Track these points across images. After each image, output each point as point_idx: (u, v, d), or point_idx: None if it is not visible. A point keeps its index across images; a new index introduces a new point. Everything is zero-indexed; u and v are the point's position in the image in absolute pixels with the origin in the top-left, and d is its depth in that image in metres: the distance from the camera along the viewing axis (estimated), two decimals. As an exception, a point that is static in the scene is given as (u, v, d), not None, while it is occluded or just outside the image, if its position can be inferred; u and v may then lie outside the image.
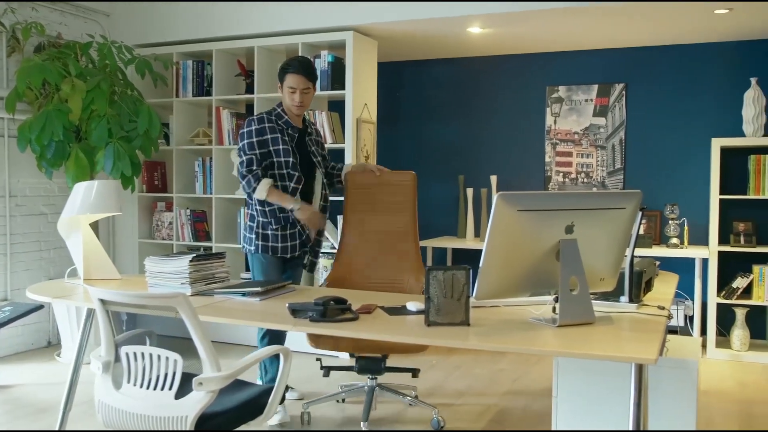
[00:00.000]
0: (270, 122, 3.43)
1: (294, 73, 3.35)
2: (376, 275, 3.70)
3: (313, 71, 3.42)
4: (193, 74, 5.27)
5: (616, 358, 1.96)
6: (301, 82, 3.36)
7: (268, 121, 3.43)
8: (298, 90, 3.36)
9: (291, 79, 3.36)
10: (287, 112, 3.47)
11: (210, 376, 2.14)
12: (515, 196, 2.24)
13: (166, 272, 2.92)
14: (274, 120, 3.45)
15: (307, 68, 3.38)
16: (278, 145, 3.41)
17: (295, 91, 3.36)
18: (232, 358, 4.72)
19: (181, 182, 5.41)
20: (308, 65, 3.40)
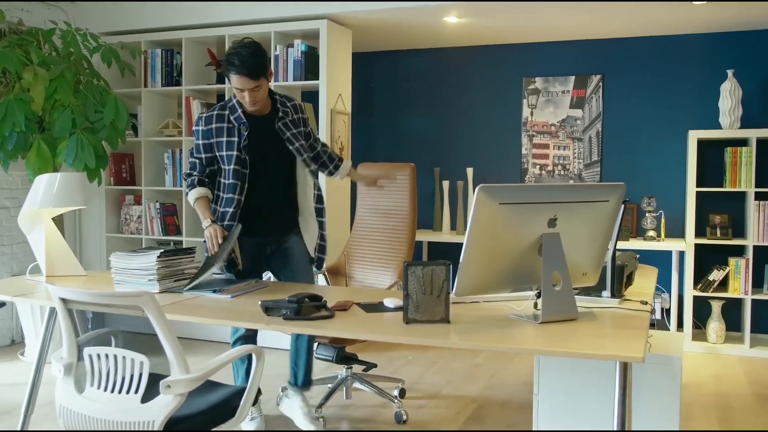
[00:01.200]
0: (219, 121, 3.04)
1: (236, 74, 2.86)
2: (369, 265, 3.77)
3: (258, 67, 2.86)
4: (162, 63, 5.11)
5: (602, 357, 1.89)
6: (246, 82, 2.87)
7: (218, 119, 3.04)
8: (246, 90, 2.90)
9: (234, 80, 2.88)
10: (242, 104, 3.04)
11: (178, 379, 2.04)
12: (496, 189, 2.16)
13: (133, 268, 2.81)
14: (226, 116, 3.05)
15: (251, 67, 2.85)
16: (223, 150, 3.04)
17: (243, 91, 2.91)
18: (204, 356, 4.60)
19: (150, 175, 5.26)
20: (251, 63, 2.84)
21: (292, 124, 3.15)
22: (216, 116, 3.06)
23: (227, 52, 2.92)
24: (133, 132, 5.26)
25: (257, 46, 2.90)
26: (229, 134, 3.03)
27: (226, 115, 3.05)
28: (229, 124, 3.04)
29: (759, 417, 3.53)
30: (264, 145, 3.09)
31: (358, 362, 3.67)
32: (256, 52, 2.88)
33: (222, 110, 3.07)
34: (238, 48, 2.87)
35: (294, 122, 3.16)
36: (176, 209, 5.28)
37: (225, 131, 3.03)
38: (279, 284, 3.06)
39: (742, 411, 3.61)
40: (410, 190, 3.88)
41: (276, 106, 3.12)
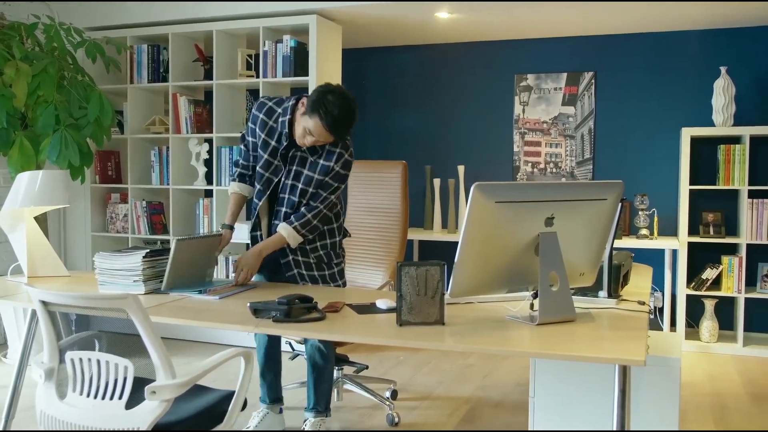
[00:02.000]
0: (268, 115, 2.88)
1: (322, 125, 2.66)
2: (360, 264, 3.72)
3: (344, 130, 2.72)
4: (149, 59, 5.02)
5: (603, 360, 1.83)
6: (323, 135, 2.70)
7: (267, 113, 2.88)
8: (315, 137, 2.72)
9: (315, 126, 2.68)
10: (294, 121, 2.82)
11: (164, 384, 1.96)
12: (493, 187, 2.10)
13: (118, 269, 2.73)
14: (276, 115, 2.87)
15: (340, 129, 2.70)
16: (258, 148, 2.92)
17: (311, 138, 2.73)
18: (192, 357, 4.52)
19: (136, 173, 5.16)
20: (342, 126, 2.70)
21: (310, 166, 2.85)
22: (268, 108, 2.89)
23: (326, 93, 2.68)
24: (118, 129, 5.17)
25: (355, 111, 2.73)
26: (270, 134, 2.87)
27: (277, 113, 2.87)
28: (274, 123, 2.87)
29: (755, 417, 3.49)
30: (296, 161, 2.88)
31: (349, 363, 3.60)
32: (352, 119, 2.71)
33: (276, 105, 2.89)
34: (340, 101, 2.67)
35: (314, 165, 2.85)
36: (163, 208, 5.19)
37: (267, 128, 2.87)
38: (268, 285, 2.99)
39: (737, 411, 3.58)
40: (402, 189, 3.85)
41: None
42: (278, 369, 3.27)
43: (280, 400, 3.30)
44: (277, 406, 3.29)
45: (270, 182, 2.92)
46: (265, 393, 3.27)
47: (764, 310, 4.91)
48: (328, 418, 3.16)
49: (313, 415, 3.13)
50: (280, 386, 3.29)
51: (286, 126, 2.83)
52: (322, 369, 3.09)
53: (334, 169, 2.85)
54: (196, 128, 4.93)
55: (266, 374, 3.24)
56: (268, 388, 3.26)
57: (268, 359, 3.23)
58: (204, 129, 4.98)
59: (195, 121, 4.93)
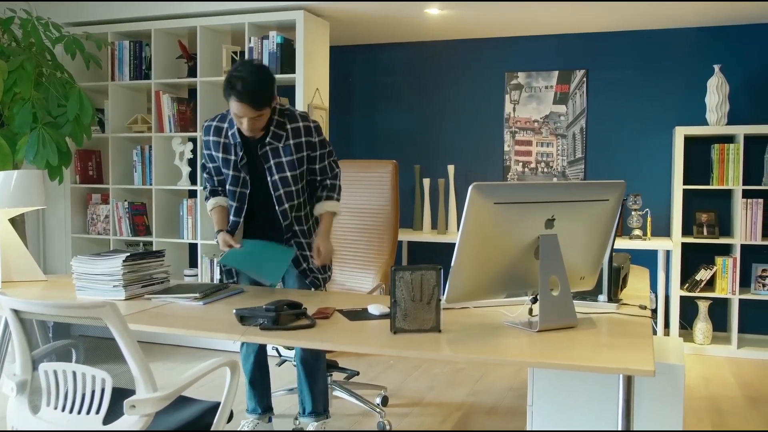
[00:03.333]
0: (216, 134, 2.80)
1: (237, 100, 2.56)
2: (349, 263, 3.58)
3: (263, 97, 2.57)
4: (130, 56, 4.88)
5: (610, 371, 1.74)
6: (247, 111, 2.58)
7: (215, 132, 2.80)
8: (245, 118, 2.61)
9: (234, 106, 2.58)
10: None
11: (144, 398, 1.84)
12: (491, 188, 2.00)
13: (96, 274, 2.60)
14: (224, 130, 2.79)
15: (255, 96, 2.55)
16: (221, 166, 2.84)
17: (242, 118, 2.62)
18: (176, 363, 4.38)
19: (117, 172, 5.02)
20: (256, 91, 2.54)
21: (284, 151, 2.75)
22: (214, 128, 2.82)
23: (230, 72, 2.60)
24: (99, 128, 5.02)
25: (265, 73, 2.60)
26: (226, 151, 2.80)
27: (224, 128, 2.80)
28: (225, 139, 2.79)
29: (753, 420, 3.42)
30: (257, 168, 2.82)
31: (338, 370, 3.50)
32: (262, 80, 2.56)
33: (221, 122, 2.82)
34: (242, 71, 2.56)
35: (287, 148, 2.76)
36: (146, 208, 5.05)
37: (221, 147, 2.80)
38: (255, 290, 2.88)
39: (734, 415, 3.50)
40: (392, 189, 3.75)
41: (269, 127, 2.73)
42: (268, 378, 3.16)
43: (271, 409, 3.19)
44: (266, 416, 3.18)
45: (244, 196, 2.84)
46: (256, 403, 3.14)
47: (758, 311, 4.85)
48: (329, 419, 3.06)
49: (314, 418, 3.02)
50: (270, 395, 3.18)
51: (237, 136, 2.76)
52: (314, 369, 2.98)
53: (312, 142, 2.80)
54: (180, 127, 4.80)
55: (256, 384, 3.12)
56: (260, 398, 3.13)
57: (258, 368, 3.11)
58: (188, 128, 4.85)
59: (178, 120, 4.80)
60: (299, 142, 2.77)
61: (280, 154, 2.76)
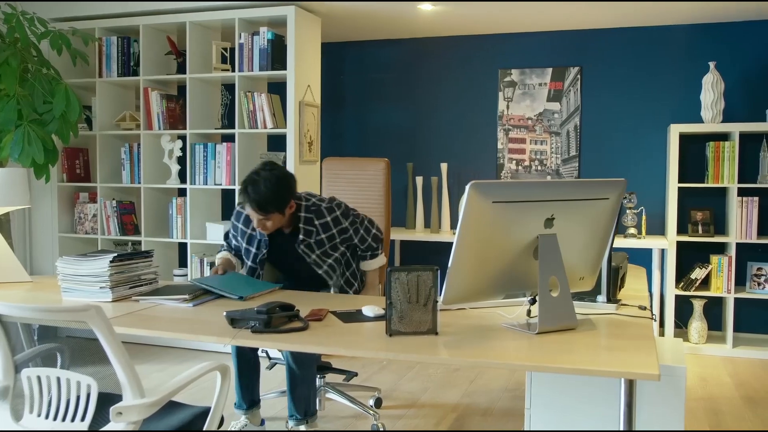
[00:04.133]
0: (246, 224, 2.94)
1: (247, 201, 2.72)
2: None
3: (270, 203, 2.69)
4: (118, 52, 4.80)
5: (614, 374, 1.69)
6: (254, 213, 2.75)
7: (245, 221, 2.94)
8: (256, 218, 2.77)
9: (250, 212, 2.76)
10: None
11: (131, 404, 1.77)
12: (490, 186, 1.94)
13: (83, 275, 2.53)
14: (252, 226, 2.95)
15: (262, 201, 2.68)
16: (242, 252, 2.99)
17: (254, 219, 2.78)
18: (166, 364, 4.31)
19: (105, 171, 4.94)
20: (264, 197, 2.68)
21: (318, 245, 2.89)
22: (244, 218, 2.94)
23: (251, 171, 2.76)
24: (87, 125, 4.94)
25: (280, 183, 2.71)
26: (249, 242, 2.93)
27: (252, 224, 2.89)
28: (252, 231, 2.92)
29: (751, 421, 3.38)
30: (285, 260, 2.98)
31: (333, 371, 3.43)
32: (275, 186, 2.69)
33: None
34: (261, 175, 2.71)
35: (320, 242, 2.89)
36: (134, 207, 4.97)
37: (247, 238, 2.93)
38: (246, 290, 2.81)
39: (731, 416, 3.47)
40: (384, 187, 3.70)
41: (298, 225, 2.85)
42: (257, 373, 3.11)
43: (257, 403, 3.12)
44: (256, 414, 3.12)
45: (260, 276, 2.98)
46: (241, 397, 3.08)
47: (753, 309, 4.83)
48: (314, 420, 3.01)
49: (294, 423, 2.97)
50: (257, 388, 3.12)
51: (263, 234, 2.89)
52: (295, 373, 2.92)
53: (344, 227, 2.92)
54: (169, 124, 4.72)
55: (242, 375, 3.06)
56: (244, 390, 3.07)
57: (246, 361, 3.06)
58: (177, 125, 4.77)
59: (167, 117, 4.72)
60: (331, 234, 2.90)
61: (314, 248, 2.89)
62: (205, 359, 4.41)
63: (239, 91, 4.52)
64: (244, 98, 4.50)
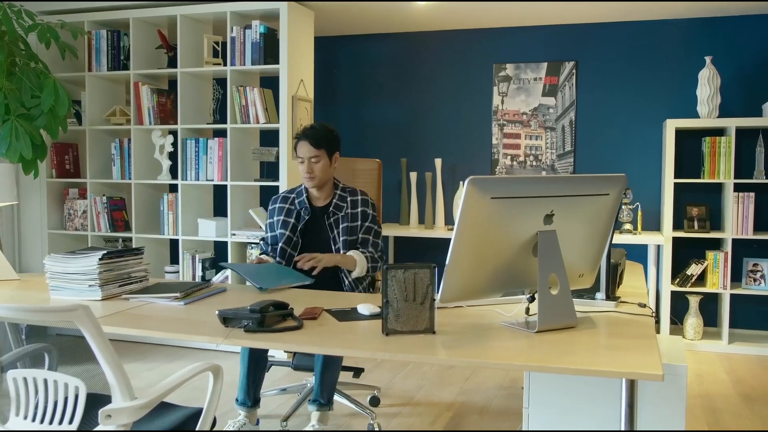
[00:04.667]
0: (284, 201, 3.12)
1: (300, 139, 3.01)
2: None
3: (323, 138, 3.01)
4: (108, 45, 4.72)
5: (617, 375, 1.65)
6: (307, 149, 2.99)
7: (283, 200, 3.13)
8: (305, 159, 2.99)
9: (298, 147, 3.02)
10: (308, 189, 3.11)
11: (121, 407, 1.72)
12: (489, 182, 1.90)
13: (71, 273, 2.47)
14: (292, 199, 3.13)
15: (314, 134, 3.00)
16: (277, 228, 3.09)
17: (303, 161, 3.00)
18: (158, 362, 4.25)
19: (95, 166, 4.87)
20: (318, 133, 3.02)
21: (344, 219, 3.06)
22: (282, 197, 3.15)
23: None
24: (76, 120, 4.86)
25: (330, 127, 3.08)
26: (288, 214, 3.09)
27: (291, 197, 3.13)
28: (291, 206, 3.11)
29: (749, 419, 3.36)
30: (317, 234, 3.08)
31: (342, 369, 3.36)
32: (326, 128, 3.05)
33: (290, 193, 3.16)
34: (311, 124, 3.08)
35: (345, 217, 3.07)
36: (125, 203, 4.91)
37: (285, 211, 3.10)
38: (239, 289, 2.76)
39: (729, 413, 3.44)
40: (376, 187, 3.68)
41: (333, 200, 3.09)
42: (264, 368, 3.07)
43: (258, 402, 3.09)
44: (255, 413, 3.07)
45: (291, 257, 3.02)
46: (246, 394, 3.04)
47: (749, 306, 4.81)
48: (330, 411, 3.07)
49: (316, 407, 3.02)
50: (260, 387, 3.10)
51: (306, 202, 3.07)
52: (329, 356, 2.94)
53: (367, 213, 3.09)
54: (160, 119, 4.66)
55: (251, 372, 3.02)
56: (250, 388, 3.04)
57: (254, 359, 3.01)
58: (168, 120, 4.71)
59: (158, 112, 4.65)
60: (356, 213, 3.08)
61: (340, 222, 3.06)
62: (197, 357, 4.35)
63: (231, 85, 4.46)
64: (236, 93, 4.44)
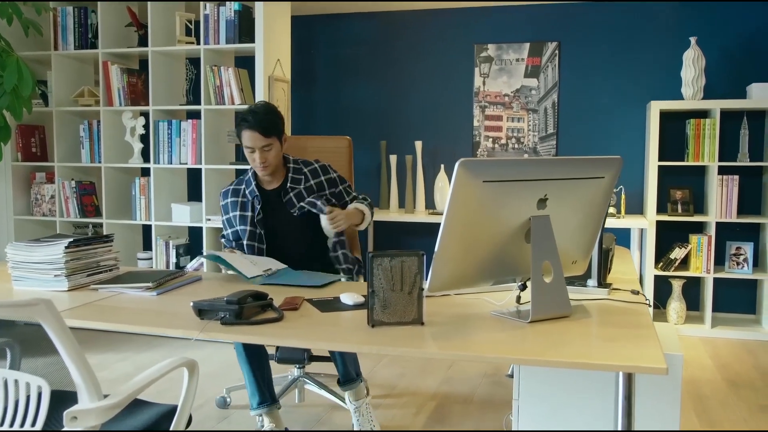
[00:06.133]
0: (235, 195, 2.90)
1: (248, 128, 2.73)
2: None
3: (271, 125, 2.74)
4: (75, 23, 4.52)
5: (620, 368, 1.56)
6: (257, 139, 2.73)
7: (233, 194, 2.91)
8: (256, 149, 2.75)
9: (246, 137, 2.75)
10: (257, 175, 2.89)
11: (88, 408, 1.60)
12: (481, 165, 1.79)
13: (35, 262, 2.33)
14: (242, 191, 2.90)
15: (264, 123, 2.72)
16: (237, 225, 2.89)
17: (254, 152, 2.76)
18: (131, 352, 4.11)
19: (63, 149, 4.68)
20: (264, 119, 2.73)
21: (307, 191, 2.87)
22: (232, 191, 2.93)
23: (242, 112, 2.79)
24: (42, 101, 4.67)
25: (273, 107, 2.84)
26: (243, 208, 2.89)
27: (241, 189, 2.91)
28: (243, 198, 2.90)
29: (736, 406, 3.31)
30: (280, 218, 2.88)
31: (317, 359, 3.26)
32: (270, 110, 2.80)
33: (238, 185, 2.94)
34: (252, 107, 2.79)
35: (309, 189, 2.88)
36: (95, 188, 4.73)
37: (239, 205, 2.89)
38: (215, 277, 2.63)
39: (716, 400, 3.40)
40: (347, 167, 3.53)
41: (288, 174, 2.88)
42: (266, 360, 2.84)
43: (277, 402, 2.84)
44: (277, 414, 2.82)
45: (262, 252, 2.86)
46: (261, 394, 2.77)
47: (732, 289, 4.78)
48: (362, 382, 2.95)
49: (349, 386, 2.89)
50: (272, 382, 2.85)
51: (255, 191, 2.86)
52: None
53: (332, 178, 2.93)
54: (130, 100, 4.48)
55: (254, 369, 2.77)
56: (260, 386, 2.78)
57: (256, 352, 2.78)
58: (139, 101, 4.53)
59: (129, 93, 4.47)
60: (319, 181, 2.91)
61: (304, 195, 2.86)
62: (172, 347, 4.22)
63: (205, 65, 4.29)
64: (210, 73, 4.27)
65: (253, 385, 2.78)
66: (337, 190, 2.95)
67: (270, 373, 2.83)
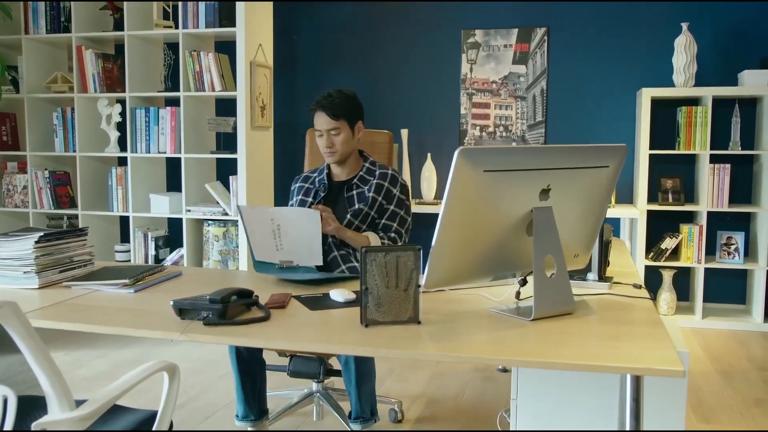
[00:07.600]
0: (305, 181, 2.83)
1: (316, 110, 2.66)
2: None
3: (341, 107, 2.64)
4: (47, 6, 4.34)
5: (636, 371, 1.46)
6: (325, 121, 2.63)
7: (304, 179, 2.84)
8: (324, 132, 2.65)
9: (315, 118, 2.67)
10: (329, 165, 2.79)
11: (58, 419, 1.47)
12: (481, 153, 1.68)
13: (3, 258, 2.19)
14: (314, 178, 2.82)
15: (331, 104, 2.63)
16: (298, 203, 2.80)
17: (322, 134, 2.66)
18: (108, 349, 3.96)
19: (36, 138, 4.50)
20: (332, 99, 2.64)
21: (368, 192, 2.71)
22: (303, 177, 2.87)
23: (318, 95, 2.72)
24: (13, 87, 4.48)
25: (350, 92, 2.72)
26: (306, 194, 2.80)
27: (313, 176, 2.84)
28: (311, 185, 2.81)
29: (732, 398, 3.25)
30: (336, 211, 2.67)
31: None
32: (345, 95, 2.68)
33: (312, 172, 2.87)
34: (328, 90, 2.70)
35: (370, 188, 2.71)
36: (69, 178, 4.56)
37: (303, 191, 2.81)
38: (196, 272, 2.50)
39: (710, 393, 3.33)
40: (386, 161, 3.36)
41: (359, 172, 2.76)
42: (263, 370, 2.69)
43: (266, 413, 2.69)
44: (265, 427, 2.69)
45: None
46: (247, 406, 2.64)
47: (722, 279, 4.72)
48: (377, 422, 2.68)
49: (360, 426, 2.61)
50: (265, 394, 2.71)
51: (324, 179, 2.78)
52: (363, 364, 2.56)
53: (392, 193, 2.72)
54: (106, 87, 4.31)
55: (246, 379, 2.62)
56: (249, 397, 2.63)
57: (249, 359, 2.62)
58: (115, 88, 4.36)
59: (104, 79, 4.30)
60: (381, 184, 2.72)
61: (365, 197, 2.72)
62: (151, 344, 4.07)
63: (184, 50, 4.13)
64: (189, 58, 4.12)
65: (240, 395, 2.63)
66: (385, 206, 2.71)
67: (263, 384, 2.68)
